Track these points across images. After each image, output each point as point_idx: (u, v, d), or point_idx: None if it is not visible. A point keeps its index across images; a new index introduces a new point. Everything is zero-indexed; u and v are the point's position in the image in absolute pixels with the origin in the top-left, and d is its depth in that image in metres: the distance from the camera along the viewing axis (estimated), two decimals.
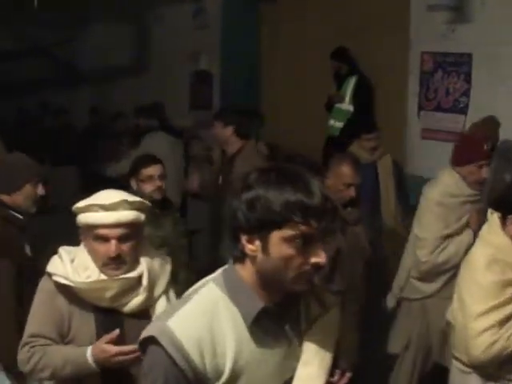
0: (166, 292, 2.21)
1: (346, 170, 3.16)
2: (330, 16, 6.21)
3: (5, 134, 8.20)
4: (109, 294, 2.06)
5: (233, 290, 1.42)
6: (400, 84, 5.60)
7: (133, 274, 2.11)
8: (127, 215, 2.05)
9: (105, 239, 2.04)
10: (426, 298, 3.54)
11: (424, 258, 3.42)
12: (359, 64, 5.87)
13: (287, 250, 1.36)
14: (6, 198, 2.85)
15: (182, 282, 3.09)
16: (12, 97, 8.94)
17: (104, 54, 8.95)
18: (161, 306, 2.14)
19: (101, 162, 6.86)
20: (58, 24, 8.87)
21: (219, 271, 1.50)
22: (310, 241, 1.36)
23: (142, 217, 2.12)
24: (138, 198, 2.13)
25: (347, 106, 5.73)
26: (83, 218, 2.06)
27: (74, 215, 2.11)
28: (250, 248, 1.39)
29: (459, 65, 5.09)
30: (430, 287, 3.50)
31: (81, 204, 2.05)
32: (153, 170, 3.39)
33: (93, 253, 2.09)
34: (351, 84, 5.73)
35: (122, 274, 2.09)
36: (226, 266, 1.50)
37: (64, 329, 2.08)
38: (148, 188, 3.34)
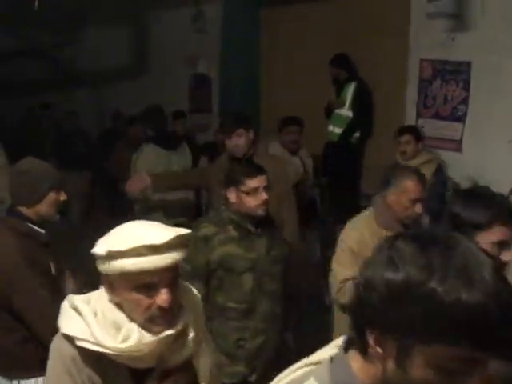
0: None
1: (411, 185, 2.89)
2: (330, 22, 6.22)
3: (8, 136, 8.29)
4: (153, 354, 1.62)
5: None
6: (399, 91, 5.61)
7: (180, 326, 1.65)
8: (180, 255, 1.58)
9: (151, 288, 1.56)
10: None
11: None
12: (358, 70, 5.88)
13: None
14: (25, 210, 2.59)
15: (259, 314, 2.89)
16: (12, 98, 8.94)
17: (103, 57, 8.94)
18: (204, 353, 1.78)
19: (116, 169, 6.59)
20: (57, 26, 8.87)
21: (325, 362, 1.12)
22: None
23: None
24: (187, 231, 1.63)
25: (346, 111, 5.73)
26: (121, 265, 1.52)
27: (93, 259, 1.62)
28: (377, 352, 1.03)
29: (458, 73, 5.10)
30: None
31: (119, 247, 1.51)
32: (259, 181, 2.86)
33: (132, 306, 1.59)
34: (351, 90, 5.74)
35: (169, 329, 1.62)
36: (334, 355, 1.12)
37: None
38: (252, 202, 2.82)
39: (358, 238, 2.89)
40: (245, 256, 2.82)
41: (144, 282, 1.54)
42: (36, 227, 2.61)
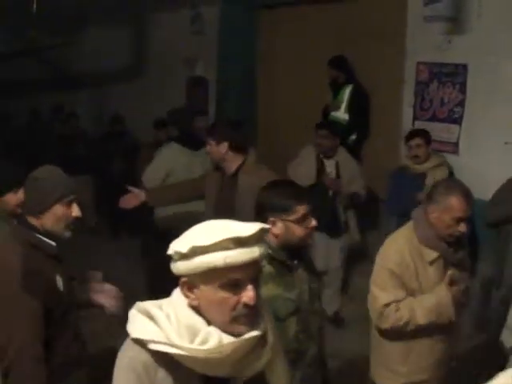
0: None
1: (456, 203, 2.65)
2: (327, 24, 6.24)
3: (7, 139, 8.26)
4: (232, 360, 1.51)
5: None
6: (395, 94, 5.64)
7: (262, 329, 1.56)
8: (263, 249, 1.51)
9: (237, 284, 1.48)
10: None
11: None
12: (355, 73, 5.90)
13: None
14: (34, 220, 2.45)
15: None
16: (11, 98, 8.94)
17: (101, 58, 8.94)
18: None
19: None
20: (55, 27, 8.87)
21: None
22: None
23: None
24: (267, 225, 1.58)
25: (342, 114, 5.75)
26: (208, 260, 1.44)
27: (166, 259, 1.53)
28: None
29: (454, 75, 5.13)
30: None
31: (204, 241, 1.44)
32: (307, 207, 2.39)
33: (216, 306, 1.50)
34: (347, 93, 5.76)
35: (253, 330, 1.53)
36: None
37: None
38: (301, 232, 2.37)
39: (399, 259, 2.70)
40: (286, 296, 2.37)
41: (230, 279, 1.46)
42: (45, 239, 2.44)
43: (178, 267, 1.49)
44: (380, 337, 2.82)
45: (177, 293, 1.56)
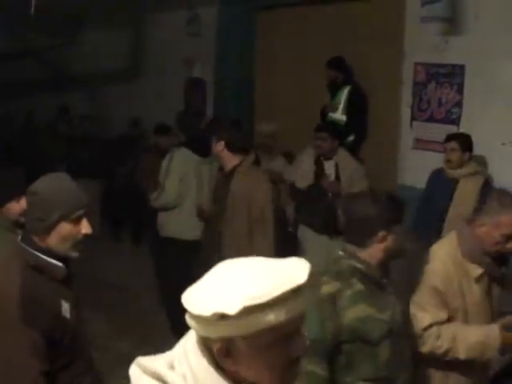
0: None
1: (508, 220, 2.46)
2: (325, 25, 6.24)
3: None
4: None
5: None
6: (393, 94, 5.63)
7: None
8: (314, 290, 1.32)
9: (288, 337, 1.21)
10: None
11: None
12: (353, 74, 5.90)
13: None
14: (38, 239, 2.14)
15: None
16: (9, 99, 8.93)
17: (98, 60, 8.94)
18: None
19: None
20: (52, 28, 8.87)
21: None
22: None
23: None
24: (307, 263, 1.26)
25: (340, 115, 5.74)
26: (266, 319, 1.14)
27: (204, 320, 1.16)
28: None
29: (452, 76, 5.13)
30: None
31: (261, 297, 1.12)
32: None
33: (265, 368, 1.20)
34: (344, 94, 5.75)
35: None
36: None
37: None
38: (380, 256, 2.20)
39: (443, 274, 2.52)
40: (379, 317, 2.14)
41: (285, 333, 1.18)
42: (53, 260, 2.13)
43: (215, 330, 1.15)
44: (416, 356, 2.50)
45: (193, 349, 1.22)
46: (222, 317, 1.12)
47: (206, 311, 1.12)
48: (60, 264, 2.15)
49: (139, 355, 1.31)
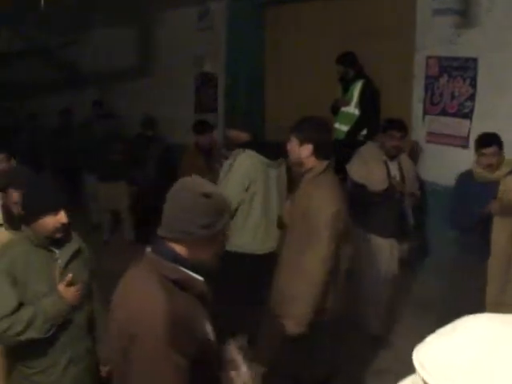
0: None
1: None
2: (336, 19, 6.23)
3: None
4: None
5: None
6: (405, 88, 5.62)
7: None
8: None
9: None
10: None
11: None
12: (365, 68, 5.88)
13: None
14: (178, 247, 1.89)
15: None
16: (15, 99, 8.99)
17: (108, 57, 8.97)
18: None
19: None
20: (62, 26, 8.90)
21: None
22: None
23: None
24: None
25: (353, 109, 5.73)
26: None
27: None
28: None
29: (464, 69, 5.11)
30: None
31: None
32: None
33: None
34: (357, 88, 5.73)
35: None
36: None
37: None
38: None
39: None
40: None
41: None
42: (193, 274, 1.88)
43: None
44: None
45: None
46: None
47: None
48: (201, 278, 1.90)
49: None
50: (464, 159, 5.06)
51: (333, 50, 5.96)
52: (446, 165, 5.28)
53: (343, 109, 5.78)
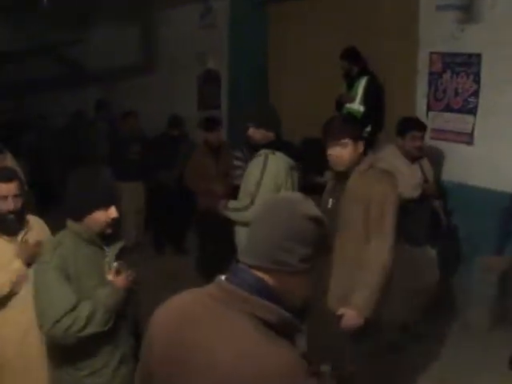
0: None
1: None
2: (339, 16, 6.20)
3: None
4: None
5: None
6: (409, 84, 5.61)
7: None
8: None
9: None
10: None
11: None
12: (368, 64, 5.86)
13: None
14: (260, 273, 1.48)
15: None
16: (20, 97, 9.00)
17: (111, 55, 8.97)
18: None
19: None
20: (65, 24, 8.90)
21: None
22: None
23: None
24: None
25: (358, 106, 5.71)
26: None
27: None
28: None
29: (468, 65, 5.09)
30: None
31: None
32: None
33: None
34: (362, 84, 5.71)
35: None
36: None
37: None
38: None
39: None
40: None
41: None
42: (288, 314, 1.47)
43: None
44: None
45: None
46: None
47: None
48: (298, 321, 1.50)
49: None
50: (469, 155, 5.06)
51: (336, 46, 5.94)
52: (449, 161, 5.27)
53: (347, 105, 5.77)
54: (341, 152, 3.08)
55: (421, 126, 4.45)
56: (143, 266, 2.58)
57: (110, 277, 2.52)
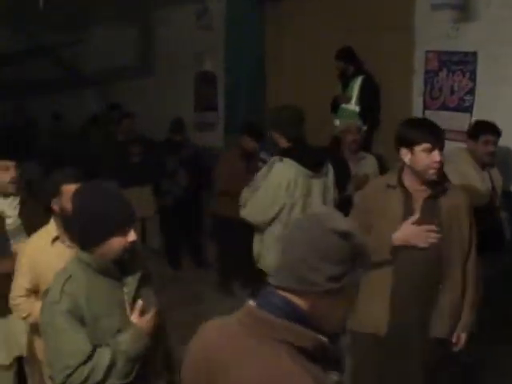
0: None
1: None
2: (335, 15, 6.20)
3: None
4: None
5: None
6: (405, 83, 5.60)
7: None
8: None
9: None
10: None
11: None
12: (364, 63, 5.86)
13: None
14: (296, 298, 1.42)
15: None
16: (19, 98, 8.98)
17: (108, 56, 8.97)
18: None
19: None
20: (62, 26, 8.90)
21: None
22: None
23: None
24: None
25: (353, 106, 5.71)
26: None
27: None
28: None
29: (464, 63, 5.09)
30: None
31: None
32: None
33: None
34: (357, 84, 5.71)
35: None
36: None
37: None
38: None
39: None
40: None
41: None
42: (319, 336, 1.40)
43: None
44: None
45: None
46: None
47: None
48: (324, 338, 1.41)
49: None
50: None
51: (333, 46, 5.94)
52: (446, 160, 5.25)
53: (343, 105, 5.77)
54: (441, 157, 2.83)
55: (494, 130, 4.23)
56: (160, 289, 2.35)
57: (133, 317, 2.15)
